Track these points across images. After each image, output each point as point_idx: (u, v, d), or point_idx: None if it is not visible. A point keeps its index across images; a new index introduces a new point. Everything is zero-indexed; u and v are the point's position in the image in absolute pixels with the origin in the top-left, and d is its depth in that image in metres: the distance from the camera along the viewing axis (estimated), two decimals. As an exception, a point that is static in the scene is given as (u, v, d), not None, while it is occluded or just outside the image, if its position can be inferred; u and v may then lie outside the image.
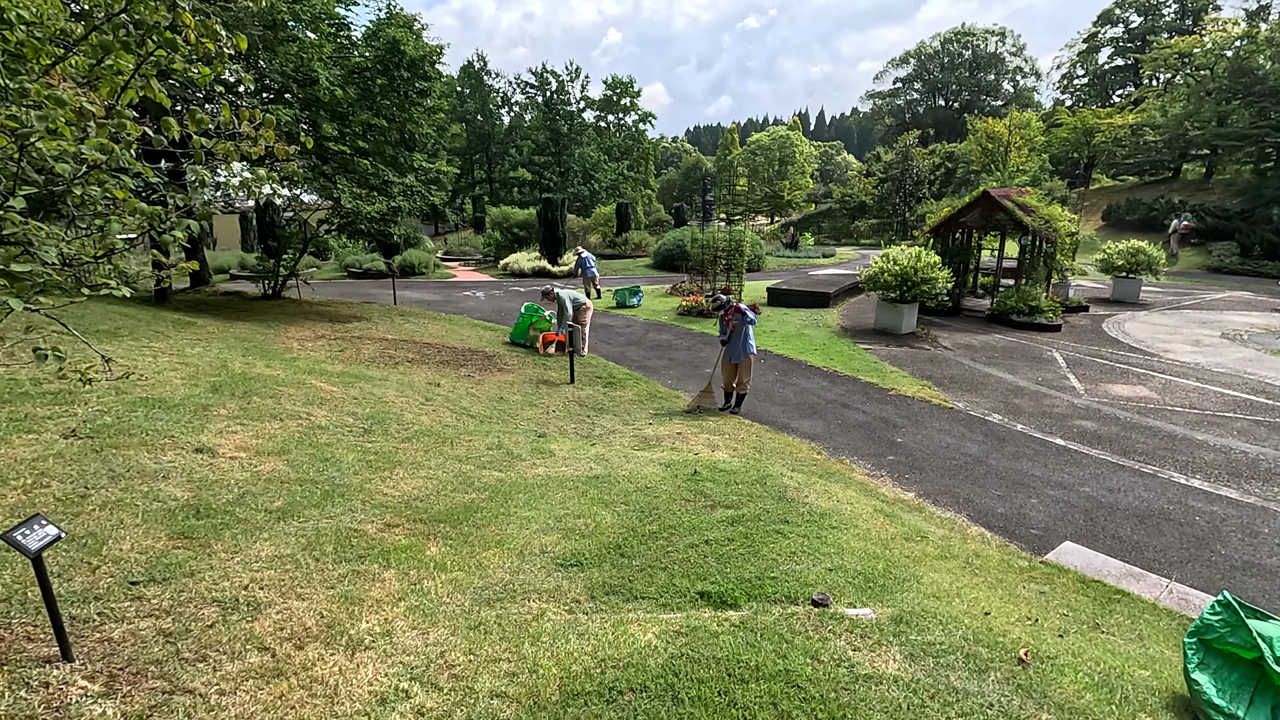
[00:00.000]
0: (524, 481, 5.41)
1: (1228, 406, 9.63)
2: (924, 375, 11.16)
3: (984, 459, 7.76)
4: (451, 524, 4.35)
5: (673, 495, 5.28)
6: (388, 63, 12.06)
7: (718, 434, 7.94)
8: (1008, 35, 59.48)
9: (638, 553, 4.18)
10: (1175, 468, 7.53)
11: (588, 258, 20.34)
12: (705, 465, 6.13)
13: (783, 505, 5.17)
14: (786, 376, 11.16)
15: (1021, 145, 37.99)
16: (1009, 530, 6.10)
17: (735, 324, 8.77)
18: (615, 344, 13.57)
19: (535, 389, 9.49)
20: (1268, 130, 29.46)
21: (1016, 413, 9.35)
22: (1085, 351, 12.85)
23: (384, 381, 7.92)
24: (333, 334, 10.86)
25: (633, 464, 6.13)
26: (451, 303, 19.20)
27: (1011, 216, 15.16)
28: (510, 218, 30.04)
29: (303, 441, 5.30)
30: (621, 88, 61.99)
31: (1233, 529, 6.20)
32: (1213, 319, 16.40)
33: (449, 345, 11.42)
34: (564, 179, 58.46)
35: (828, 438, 8.41)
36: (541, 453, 6.39)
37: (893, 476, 7.26)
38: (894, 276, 13.79)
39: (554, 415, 8.36)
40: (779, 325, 15.28)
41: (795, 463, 7.21)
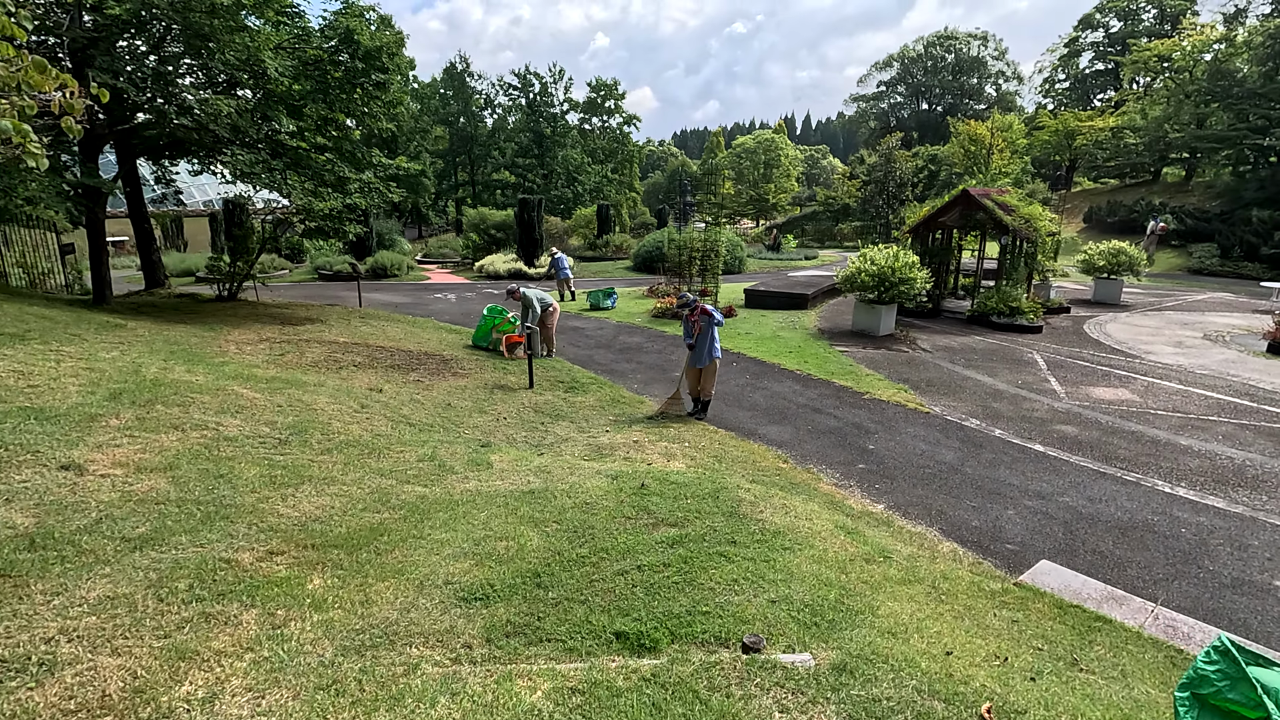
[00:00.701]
0: (449, 498, 4.89)
1: (1212, 410, 9.28)
2: (900, 378, 10.74)
3: (959, 467, 7.32)
4: (349, 550, 3.82)
5: (613, 512, 4.78)
6: (341, 53, 11.50)
7: (678, 442, 7.45)
8: (990, 39, 59.75)
9: (557, 582, 3.67)
10: (1159, 475, 7.13)
11: (561, 258, 19.83)
12: (656, 477, 5.63)
13: (733, 523, 4.68)
14: (758, 380, 10.70)
15: (1004, 148, 37.97)
16: (983, 546, 5.65)
17: (701, 326, 8.30)
18: (584, 347, 13.07)
19: (489, 394, 8.96)
20: (1246, 133, 29.52)
21: (995, 417, 8.94)
22: (1066, 353, 12.50)
23: (318, 387, 7.36)
24: (279, 337, 10.27)
25: (576, 476, 5.62)
26: (420, 305, 18.61)
27: (991, 216, 14.83)
28: (487, 219, 29.47)
29: (199, 455, 4.74)
30: (606, 90, 61.59)
31: (1220, 541, 5.79)
32: (1194, 320, 16.16)
33: (404, 349, 10.86)
34: (547, 181, 57.94)
35: (796, 445, 7.94)
36: (479, 464, 5.87)
37: (862, 487, 6.80)
38: (871, 277, 13.39)
39: (504, 423, 7.83)
40: (754, 327, 14.84)
41: (757, 473, 6.73)
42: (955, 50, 59.65)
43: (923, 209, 16.59)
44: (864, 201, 41.17)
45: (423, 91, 58.49)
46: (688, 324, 8.40)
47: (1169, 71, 37.20)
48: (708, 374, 8.51)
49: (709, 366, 8.47)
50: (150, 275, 16.17)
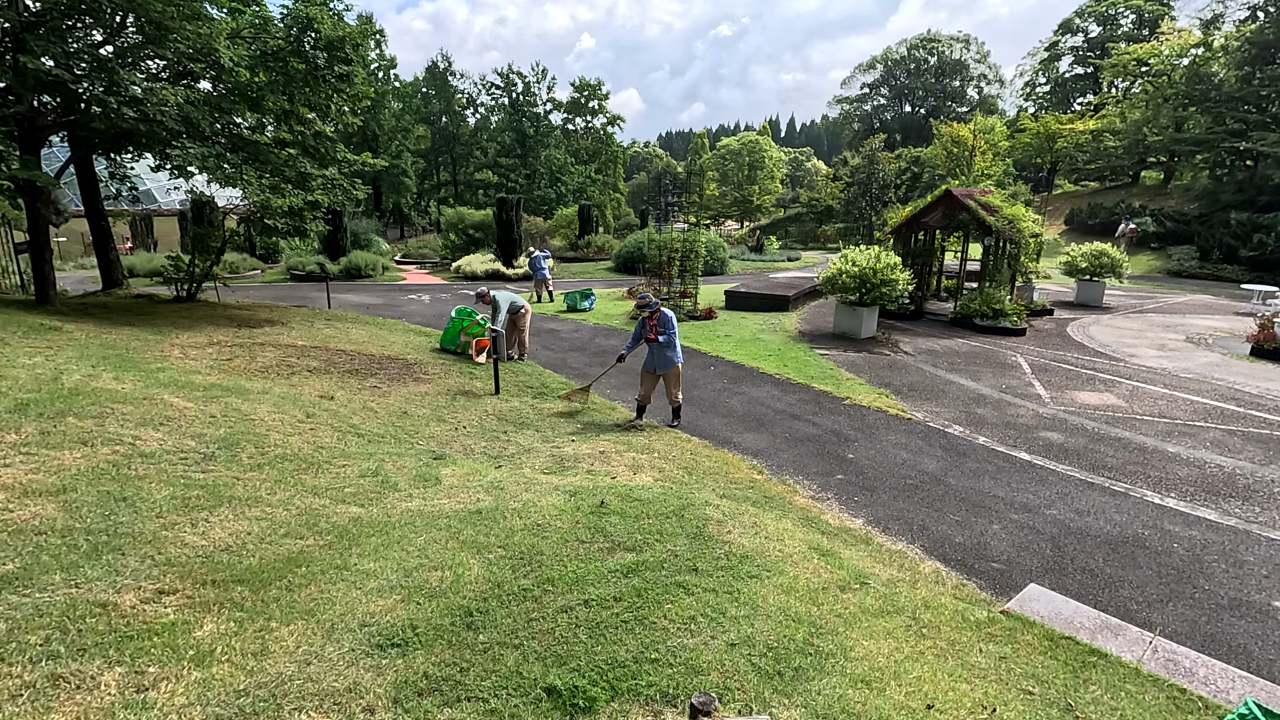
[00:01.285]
0: (385, 520, 4.44)
1: (1198, 415, 9.04)
2: (882, 383, 10.42)
3: (942, 477, 6.98)
4: (256, 586, 3.37)
5: (566, 535, 4.36)
6: (301, 43, 10.97)
7: (647, 452, 7.04)
8: (972, 42, 60.06)
9: (492, 621, 3.24)
10: (1148, 485, 6.84)
11: (539, 257, 19.36)
12: (618, 493, 5.21)
13: (696, 546, 4.28)
14: (735, 385, 10.32)
15: (986, 150, 38.02)
16: (967, 564, 5.29)
17: (657, 331, 7.87)
18: (558, 350, 12.63)
19: (451, 401, 8.50)
20: (1224, 136, 29.68)
21: (979, 424, 8.62)
22: (1050, 357, 12.26)
23: (262, 395, 6.86)
24: (232, 340, 9.73)
25: (532, 493, 5.19)
26: (393, 306, 18.07)
27: (974, 216, 14.58)
28: (466, 219, 28.91)
29: (103, 475, 4.25)
30: (589, 90, 61.15)
31: (1215, 557, 5.48)
32: (1176, 323, 16.04)
33: (366, 352, 10.36)
34: (530, 181, 57.37)
35: (772, 454, 7.56)
36: (426, 480, 5.42)
37: (840, 499, 6.43)
38: (853, 278, 13.08)
39: (464, 432, 7.38)
40: (734, 329, 14.48)
41: (729, 485, 6.33)
42: (938, 53, 59.89)
43: (905, 210, 16.34)
44: (847, 203, 41.07)
45: (404, 90, 57.74)
46: (642, 327, 7.97)
47: (1148, 75, 37.46)
48: (672, 379, 8.10)
49: (672, 370, 8.07)
50: (107, 275, 15.50)
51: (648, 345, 8.00)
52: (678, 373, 8.14)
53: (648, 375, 8.11)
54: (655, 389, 8.26)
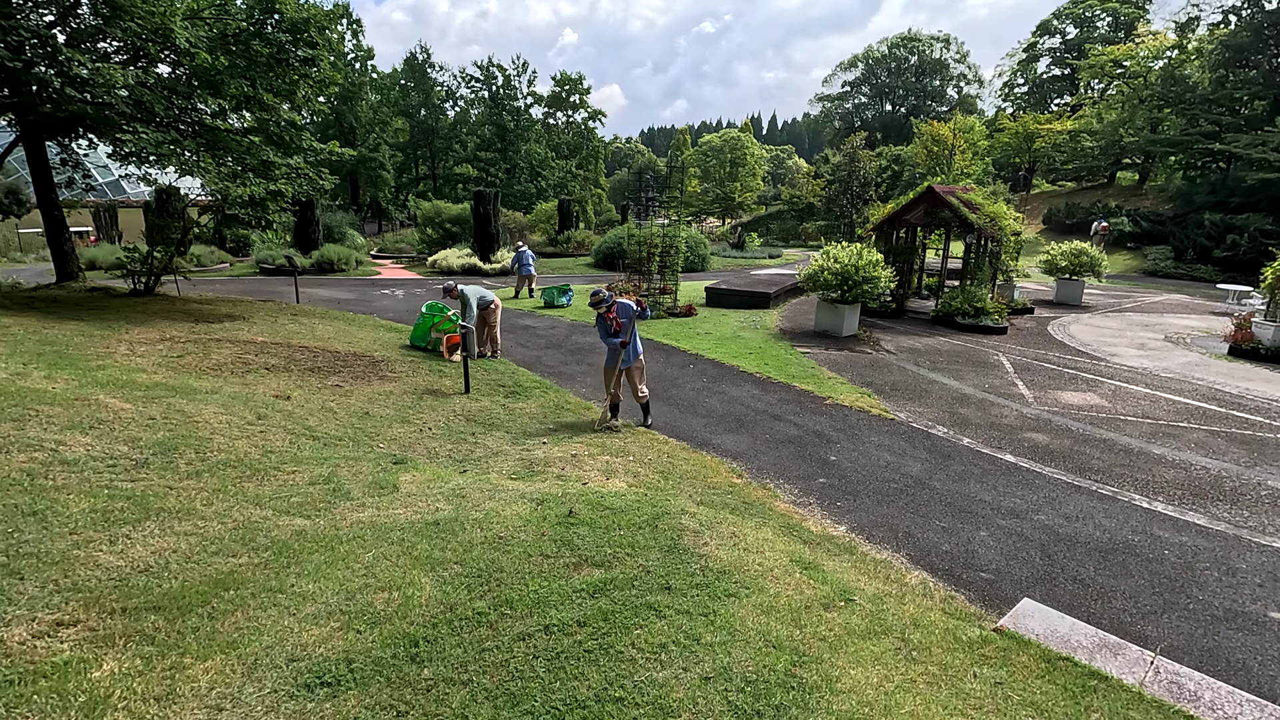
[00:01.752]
0: (333, 533, 4.07)
1: (1181, 416, 8.93)
2: (864, 382, 10.20)
3: (927, 481, 6.75)
4: (174, 614, 3.00)
5: (529, 549, 4.02)
6: (263, 24, 10.46)
7: (621, 455, 6.72)
8: (952, 42, 60.44)
9: (439, 652, 2.90)
10: (1135, 488, 6.67)
11: (526, 252, 18.97)
12: (589, 501, 4.89)
13: (670, 560, 3.97)
14: (715, 384, 10.04)
15: (965, 149, 38.20)
16: (955, 575, 5.05)
17: (622, 323, 7.54)
18: (533, 347, 12.25)
19: (418, 401, 8.11)
20: (1198, 137, 30.06)
21: (963, 425, 8.42)
22: (1032, 356, 12.15)
23: (210, 395, 6.43)
24: (187, 336, 9.23)
25: (496, 501, 4.84)
26: (364, 301, 17.54)
27: (957, 214, 14.45)
28: (443, 212, 28.33)
29: (13, 486, 3.84)
30: (570, 84, 60.55)
31: (1207, 565, 5.30)
32: (1154, 322, 16.07)
33: (330, 349, 9.91)
34: (510, 176, 56.70)
35: (752, 456, 7.29)
36: (383, 487, 5.05)
37: (822, 505, 6.17)
38: (834, 275, 12.87)
39: (429, 434, 7.00)
40: (715, 327, 14.21)
41: (707, 490, 6.04)
42: (918, 52, 60.20)
43: (887, 207, 16.18)
44: (828, 201, 41.06)
45: (382, 82, 56.74)
46: (604, 323, 7.64)
47: (1124, 77, 37.87)
48: (637, 373, 7.80)
49: (636, 364, 7.77)
50: (61, 267, 14.84)
51: (609, 341, 7.66)
52: (642, 365, 7.85)
53: (612, 371, 7.79)
54: (624, 386, 7.96)
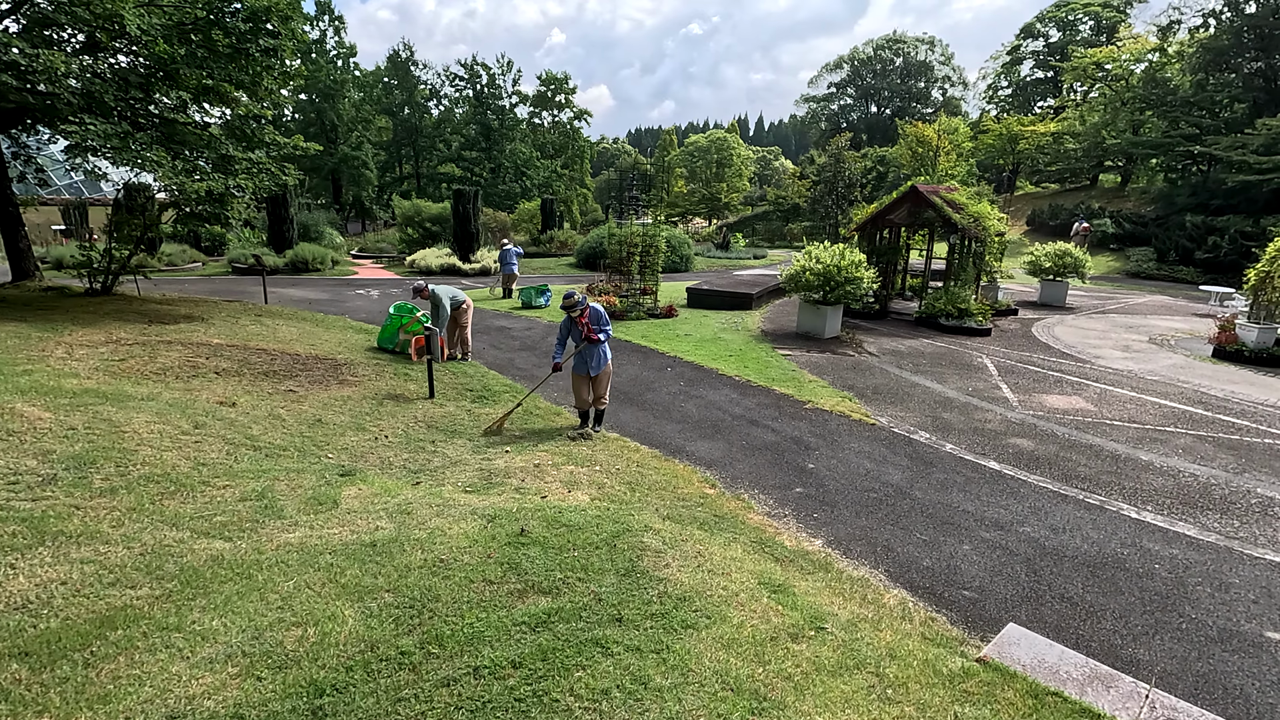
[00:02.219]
0: (254, 558, 3.69)
1: (1167, 420, 8.72)
2: (845, 385, 9.92)
3: (908, 490, 6.46)
4: (44, 661, 2.61)
5: (473, 572, 3.67)
6: (222, 13, 10.00)
7: (587, 464, 6.36)
8: (936, 44, 60.64)
9: (348, 704, 2.54)
10: (1123, 497, 6.41)
11: (510, 251, 18.58)
12: (545, 517, 4.53)
13: (626, 585, 3.63)
14: (692, 387, 9.71)
15: (950, 150, 38.21)
16: (935, 593, 4.75)
17: (593, 330, 7.23)
18: (506, 349, 11.87)
19: (377, 407, 7.70)
20: (1178, 140, 30.19)
21: (946, 430, 8.15)
22: (1016, 358, 11.94)
23: (145, 403, 6.00)
24: (135, 338, 8.76)
25: (444, 517, 4.48)
26: (337, 302, 17.05)
27: (940, 213, 14.23)
28: (423, 211, 27.80)
29: (-114, 508, 3.42)
30: (556, 84, 60.14)
31: (1198, 580, 5.04)
32: (1138, 323, 15.96)
33: (290, 352, 9.48)
34: (495, 175, 56.16)
35: (727, 464, 6.96)
36: (322, 503, 4.66)
37: (798, 516, 5.85)
38: (816, 276, 12.59)
39: (385, 443, 6.60)
40: (695, 328, 13.89)
41: (676, 503, 5.70)
42: (903, 54, 60.34)
43: (870, 206, 15.94)
44: (813, 201, 40.92)
45: (365, 80, 56.01)
46: (576, 328, 7.30)
47: (1106, 80, 38.06)
48: (604, 380, 7.49)
49: (603, 372, 7.45)
50: (17, 266, 14.24)
51: (583, 347, 7.32)
52: (609, 372, 7.54)
53: (581, 379, 7.45)
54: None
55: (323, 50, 50.72)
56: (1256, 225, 23.87)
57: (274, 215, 23.73)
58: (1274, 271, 12.02)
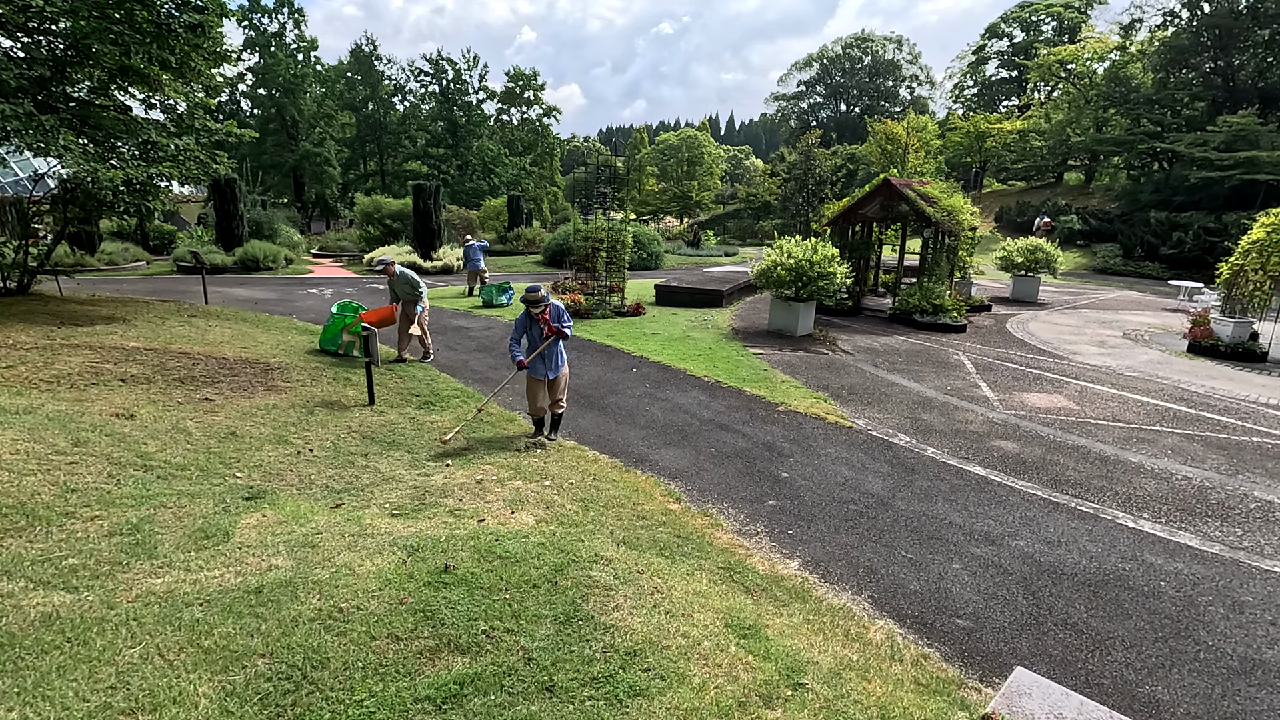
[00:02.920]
0: (100, 615, 2.96)
1: (1152, 418, 8.36)
2: (820, 385, 9.40)
3: (890, 500, 5.92)
4: None
5: (376, 626, 2.99)
6: (141, -17, 9.09)
7: (537, 479, 5.70)
8: (904, 43, 61.05)
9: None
10: (1117, 504, 5.96)
11: (475, 246, 17.79)
12: (478, 547, 3.87)
13: (565, 637, 2.98)
14: (659, 389, 9.10)
15: (919, 147, 38.26)
16: (926, 623, 4.19)
17: (556, 326, 6.59)
18: (461, 350, 11.12)
19: (306, 416, 6.93)
20: (1141, 137, 30.54)
21: (926, 432, 7.66)
22: (993, 355, 11.56)
23: (18, 416, 5.17)
24: (37, 342, 7.84)
25: (356, 550, 3.78)
26: (286, 301, 16.08)
27: (914, 207, 13.85)
28: (383, 208, 26.77)
29: None
30: (525, 80, 59.13)
31: (1209, 598, 4.57)
32: (1111, 319, 15.80)
33: (218, 355, 8.63)
34: (463, 173, 55.00)
35: (694, 474, 6.36)
36: (209, 536, 3.93)
37: (771, 533, 5.27)
38: (788, 271, 12.08)
39: (308, 458, 5.85)
40: (664, 327, 13.29)
41: (635, 522, 5.07)
42: (872, 52, 60.62)
43: (842, 201, 15.51)
44: (784, 199, 40.71)
45: (327, 74, 54.32)
46: (537, 325, 6.65)
47: (1070, 78, 38.47)
48: (563, 383, 6.86)
49: (560, 375, 6.82)
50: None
51: (544, 346, 6.66)
52: (567, 374, 6.91)
53: (537, 383, 6.79)
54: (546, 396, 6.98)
55: (282, 44, 49.05)
56: (1219, 221, 24.12)
57: (222, 211, 22.52)
58: (1247, 265, 11.84)
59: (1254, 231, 11.83)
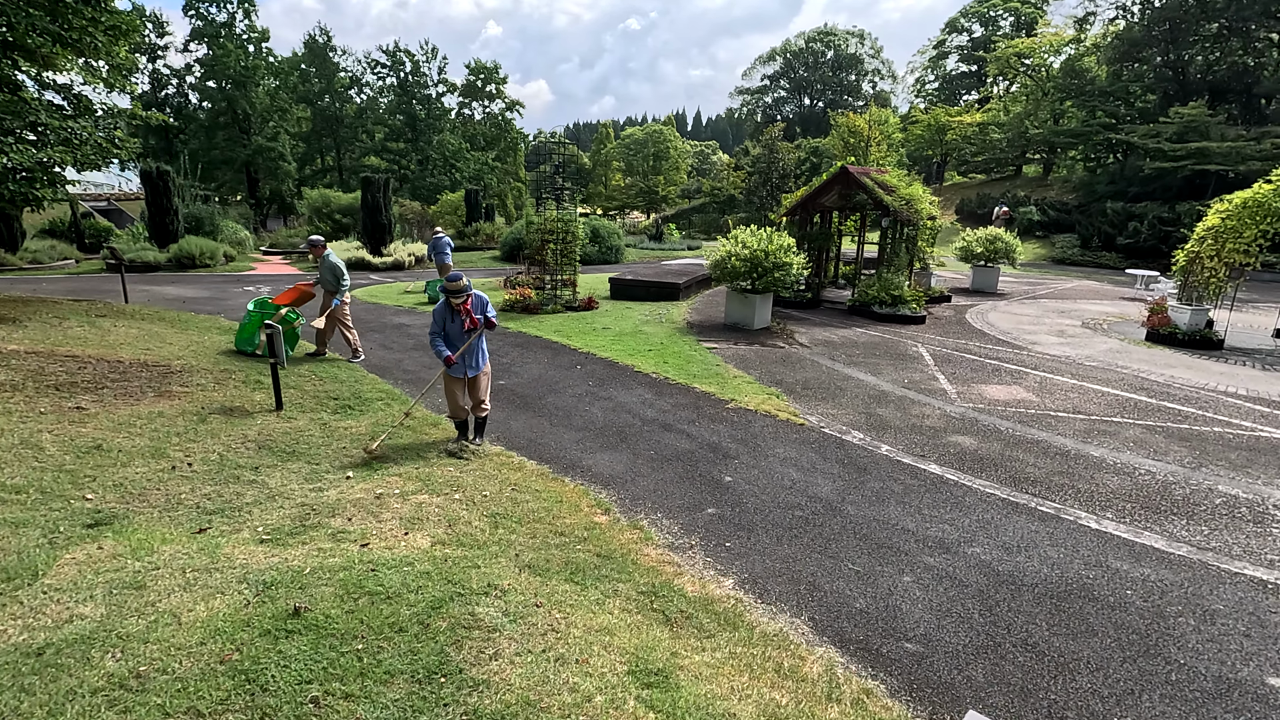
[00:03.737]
0: None
1: (1112, 409, 8.06)
2: (773, 380, 8.93)
3: (839, 505, 5.44)
4: None
5: (177, 699, 2.36)
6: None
7: (446, 491, 5.08)
8: (866, 37, 61.30)
9: None
10: (1079, 502, 5.58)
11: (443, 240, 17.05)
12: (346, 581, 3.26)
13: (416, 701, 2.40)
14: (602, 387, 8.53)
15: (881, 140, 38.29)
16: (871, 649, 3.70)
17: (478, 320, 6.01)
18: (398, 349, 10.41)
19: (198, 425, 6.20)
20: (1097, 129, 30.88)
21: (881, 428, 7.23)
22: (953, 346, 11.24)
23: None
24: (-105, 346, 6.95)
25: (194, 590, 3.14)
26: (218, 300, 15.12)
27: (872, 195, 13.49)
28: (331, 202, 25.73)
29: None
30: (486, 73, 57.94)
31: (1179, 609, 4.17)
32: (1070, 308, 15.69)
33: (113, 359, 7.80)
34: (423, 168, 53.60)
35: (629, 480, 5.80)
36: (12, 578, 3.25)
37: (706, 547, 4.74)
38: (743, 262, 11.59)
39: (184, 472, 5.15)
40: (615, 321, 12.72)
41: (551, 539, 4.49)
42: (834, 46, 60.76)
43: (800, 190, 15.11)
44: (748, 192, 40.43)
45: (280, 67, 52.39)
46: (457, 316, 6.05)
47: (1027, 71, 38.85)
48: (484, 382, 6.25)
49: (482, 374, 6.22)
50: None
51: (437, 346, 6.05)
52: (489, 373, 6.31)
53: (456, 382, 6.18)
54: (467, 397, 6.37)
55: (232, 35, 47.11)
56: (1172, 211, 24.41)
57: (154, 205, 21.26)
58: (1203, 252, 11.72)
59: (1209, 218, 11.70)
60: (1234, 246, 11.25)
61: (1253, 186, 11.25)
